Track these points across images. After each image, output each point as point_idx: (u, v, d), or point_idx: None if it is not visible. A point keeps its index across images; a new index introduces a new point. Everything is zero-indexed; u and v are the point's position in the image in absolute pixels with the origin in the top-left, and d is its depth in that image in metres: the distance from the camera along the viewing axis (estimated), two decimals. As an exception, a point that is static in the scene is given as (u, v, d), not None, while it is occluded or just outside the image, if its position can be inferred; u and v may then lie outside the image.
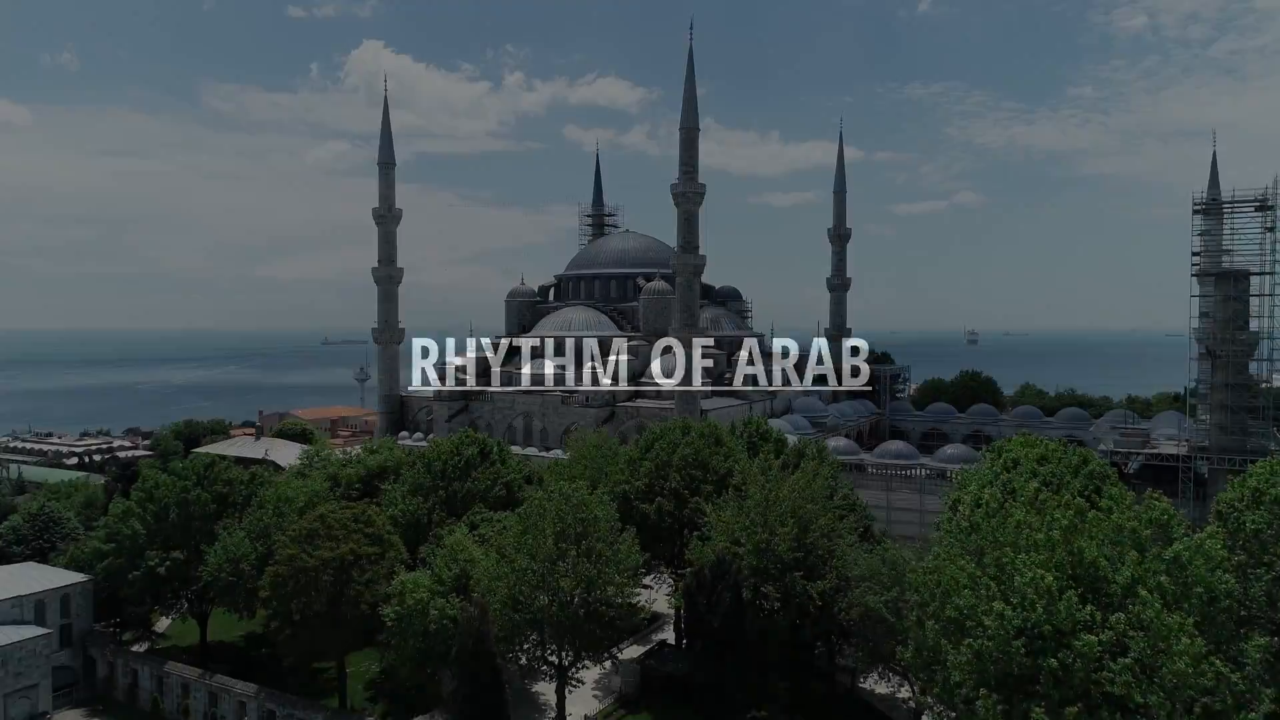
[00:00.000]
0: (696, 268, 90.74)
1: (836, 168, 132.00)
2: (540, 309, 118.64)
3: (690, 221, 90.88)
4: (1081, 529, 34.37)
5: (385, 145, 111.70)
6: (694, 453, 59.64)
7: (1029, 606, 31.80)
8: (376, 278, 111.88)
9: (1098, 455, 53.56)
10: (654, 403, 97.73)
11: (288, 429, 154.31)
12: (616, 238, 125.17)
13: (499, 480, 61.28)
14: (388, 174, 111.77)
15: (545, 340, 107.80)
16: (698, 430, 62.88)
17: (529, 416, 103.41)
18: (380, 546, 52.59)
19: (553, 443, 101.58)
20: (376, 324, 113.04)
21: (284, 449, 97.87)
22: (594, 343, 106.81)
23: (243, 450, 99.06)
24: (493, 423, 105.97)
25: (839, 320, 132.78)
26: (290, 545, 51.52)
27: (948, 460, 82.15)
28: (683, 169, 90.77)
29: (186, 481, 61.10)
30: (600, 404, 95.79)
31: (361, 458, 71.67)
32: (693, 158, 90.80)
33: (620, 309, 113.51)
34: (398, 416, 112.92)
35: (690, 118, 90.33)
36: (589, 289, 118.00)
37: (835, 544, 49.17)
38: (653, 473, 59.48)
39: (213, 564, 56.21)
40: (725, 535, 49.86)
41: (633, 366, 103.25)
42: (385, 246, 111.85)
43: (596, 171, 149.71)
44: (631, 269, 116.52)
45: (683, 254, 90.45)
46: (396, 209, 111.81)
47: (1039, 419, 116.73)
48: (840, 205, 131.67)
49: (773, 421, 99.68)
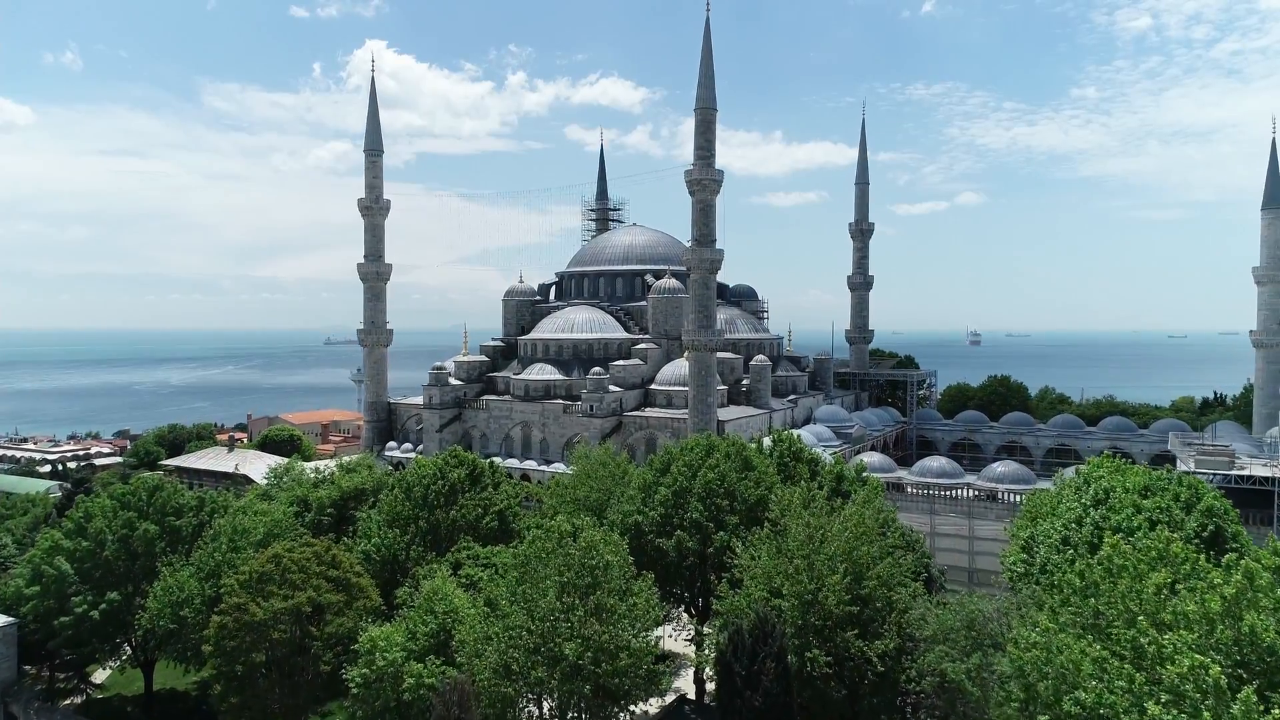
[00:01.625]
0: (713, 263, 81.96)
1: (859, 158, 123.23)
2: (540, 309, 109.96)
3: (706, 212, 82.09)
4: (1251, 599, 25.66)
5: (372, 133, 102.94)
6: (719, 478, 50.89)
7: (1193, 710, 23.10)
8: (362, 274, 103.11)
9: (1208, 485, 44.77)
10: (665, 412, 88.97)
11: (274, 436, 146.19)
12: (623, 232, 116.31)
13: (490, 509, 52.56)
14: (375, 163, 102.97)
15: (545, 343, 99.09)
16: (722, 450, 54.09)
17: (527, 426, 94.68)
18: (347, 593, 43.90)
19: (553, 455, 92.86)
20: (363, 324, 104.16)
21: (257, 462, 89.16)
22: (599, 345, 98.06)
23: (213, 462, 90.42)
24: (488, 433, 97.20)
25: (861, 321, 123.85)
26: (238, 591, 42.85)
27: (997, 480, 73.33)
28: (698, 153, 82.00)
29: (129, 512, 52.40)
30: (605, 413, 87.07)
31: (336, 478, 62.92)
32: (709, 141, 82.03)
33: (627, 308, 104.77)
34: (385, 425, 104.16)
35: (707, 97, 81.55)
36: (593, 287, 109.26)
37: (896, 594, 40.42)
38: (670, 501, 50.76)
39: (152, 609, 47.61)
40: (761, 583, 41.13)
41: (641, 372, 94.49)
42: (372, 240, 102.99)
43: (601, 164, 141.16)
44: (639, 265, 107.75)
45: (698, 247, 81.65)
46: (384, 200, 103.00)
47: (1080, 429, 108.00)
48: (862, 198, 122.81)
49: (792, 433, 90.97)
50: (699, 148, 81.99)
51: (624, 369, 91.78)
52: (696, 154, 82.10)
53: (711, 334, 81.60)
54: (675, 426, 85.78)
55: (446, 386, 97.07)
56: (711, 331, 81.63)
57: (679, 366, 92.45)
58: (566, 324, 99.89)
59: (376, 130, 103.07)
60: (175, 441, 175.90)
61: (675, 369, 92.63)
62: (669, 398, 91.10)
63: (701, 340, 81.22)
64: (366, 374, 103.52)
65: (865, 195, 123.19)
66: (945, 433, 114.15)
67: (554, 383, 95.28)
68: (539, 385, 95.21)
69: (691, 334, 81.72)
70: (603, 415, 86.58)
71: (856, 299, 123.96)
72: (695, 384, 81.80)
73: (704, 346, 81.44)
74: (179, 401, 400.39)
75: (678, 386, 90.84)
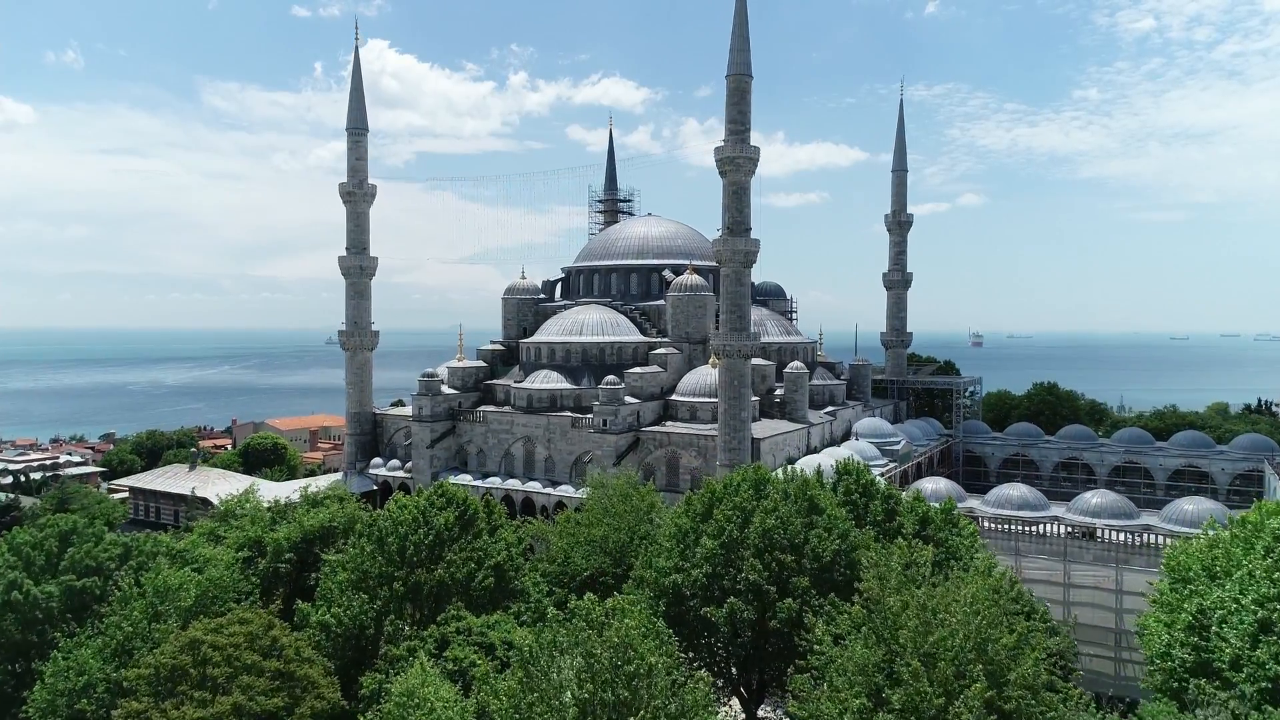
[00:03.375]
0: (748, 255, 70.38)
1: (896, 143, 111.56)
2: (544, 308, 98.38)
3: (740, 195, 70.53)
4: None
5: (356, 108, 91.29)
6: (779, 525, 39.47)
7: None
8: (344, 269, 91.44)
9: None
10: (689, 427, 77.43)
11: (256, 445, 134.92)
12: (637, 222, 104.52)
13: (485, 563, 41.11)
14: (358, 142, 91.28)
15: (551, 347, 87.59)
16: (778, 487, 42.66)
17: (530, 442, 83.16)
18: (290, 691, 32.49)
19: (560, 475, 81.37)
20: (344, 324, 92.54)
21: (220, 483, 77.67)
22: (611, 350, 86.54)
23: (170, 482, 79.01)
24: (485, 449, 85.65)
25: (898, 323, 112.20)
26: (140, 695, 31.50)
27: (1093, 513, 61.63)
28: (731, 127, 70.49)
29: (16, 573, 40.98)
30: (620, 428, 75.55)
31: (298, 515, 51.41)
32: (743, 113, 70.49)
33: (643, 308, 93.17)
34: (370, 439, 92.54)
35: (740, 62, 70.05)
36: (604, 284, 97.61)
37: (1054, 712, 28.97)
38: (718, 556, 39.34)
39: (39, 700, 36.21)
40: (857, 682, 29.77)
41: (660, 380, 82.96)
42: (355, 230, 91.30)
43: (610, 151, 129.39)
44: (655, 260, 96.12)
45: (730, 237, 70.08)
46: (369, 185, 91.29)
47: (1150, 444, 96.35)
48: (900, 187, 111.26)
49: (837, 452, 79.52)
50: (731, 121, 70.43)
51: (641, 377, 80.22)
52: (728, 128, 70.59)
53: (746, 338, 70.10)
54: (702, 444, 74.30)
55: (439, 396, 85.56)
56: (746, 335, 70.12)
57: (704, 375, 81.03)
58: (574, 325, 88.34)
59: (360, 106, 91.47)
60: (154, 449, 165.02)
61: (700, 377, 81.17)
62: (693, 410, 79.57)
63: (735, 345, 69.70)
64: (349, 380, 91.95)
65: (904, 183, 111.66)
66: (995, 448, 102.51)
67: (561, 392, 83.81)
68: (544, 395, 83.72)
69: (723, 338, 70.20)
70: (618, 431, 75.06)
71: (893, 298, 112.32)
72: (726, 396, 70.30)
73: (738, 352, 69.94)
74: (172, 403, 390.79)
75: (703, 398, 79.35)
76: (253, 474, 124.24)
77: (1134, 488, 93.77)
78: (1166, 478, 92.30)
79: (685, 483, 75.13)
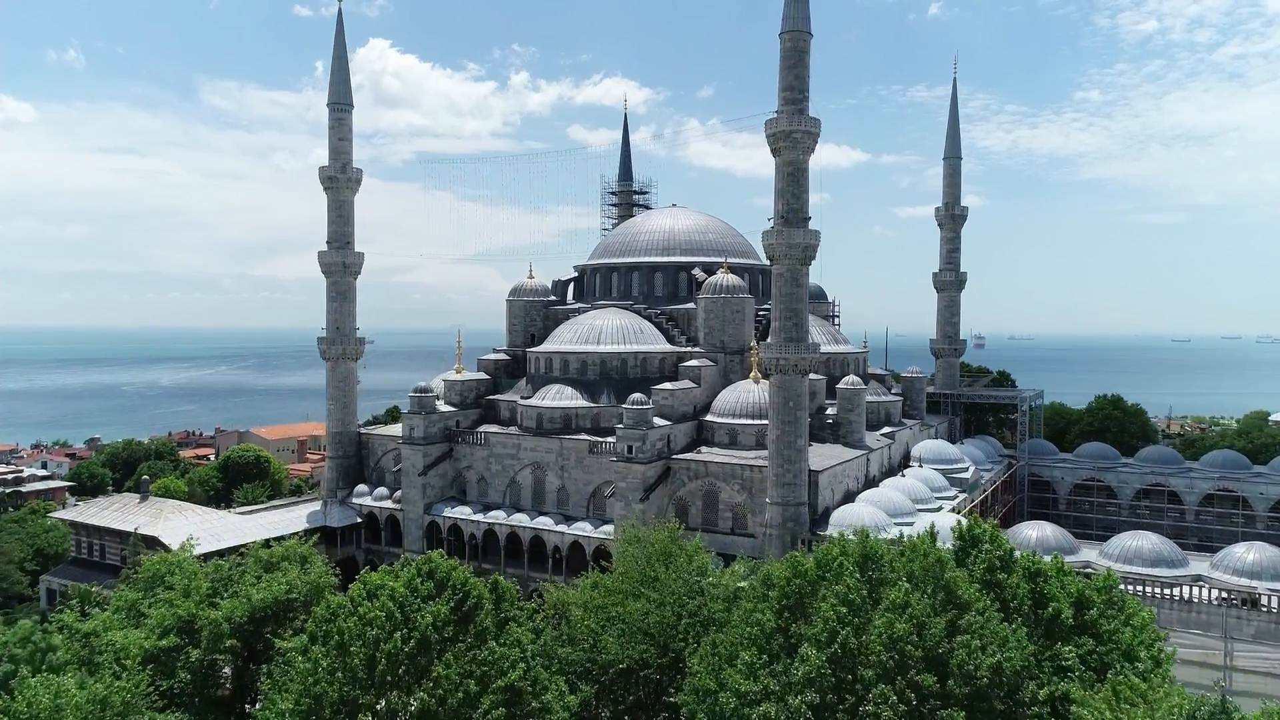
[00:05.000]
0: (806, 250, 58.10)
1: (949, 125, 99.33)
2: (555, 312, 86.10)
3: (797, 178, 58.29)
4: None
5: (339, 81, 78.91)
6: (912, 628, 27.50)
7: None
8: (324, 265, 79.08)
9: None
10: (729, 455, 65.18)
11: (238, 458, 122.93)
12: (660, 214, 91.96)
13: (492, 682, 28.94)
14: (342, 120, 78.92)
15: (564, 357, 75.43)
16: (894, 565, 30.61)
17: (540, 469, 71.04)
18: None
19: (575, 508, 69.28)
20: (324, 330, 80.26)
21: (175, 517, 65.42)
22: (635, 361, 74.45)
23: (117, 517, 66.80)
24: (487, 476, 73.51)
25: (950, 330, 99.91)
26: None
27: (1249, 572, 49.32)
28: (786, 96, 58.27)
29: None
30: (649, 456, 63.39)
31: (246, 585, 39.23)
32: (801, 78, 58.27)
33: (669, 312, 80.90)
34: (354, 462, 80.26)
35: (798, 16, 57.79)
36: (624, 284, 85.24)
37: None
38: (824, 677, 27.32)
39: None
40: None
41: (693, 397, 70.80)
42: (337, 221, 78.92)
43: (624, 137, 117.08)
44: (683, 257, 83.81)
45: (785, 228, 57.84)
46: (354, 169, 78.88)
47: (1247, 469, 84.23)
48: (953, 176, 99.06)
49: (904, 483, 67.49)
50: (787, 88, 58.19)
51: (672, 395, 67.97)
52: (783, 97, 58.38)
53: (804, 350, 57.82)
54: (746, 477, 62.14)
55: (433, 415, 73.31)
56: (804, 346, 57.83)
57: (745, 392, 68.89)
58: (591, 332, 76.10)
59: (344, 78, 79.16)
60: (130, 460, 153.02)
61: (739, 395, 69.01)
62: (732, 434, 67.41)
63: (791, 358, 57.46)
64: (330, 395, 79.64)
65: (957, 172, 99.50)
66: (1065, 471, 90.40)
67: (576, 411, 71.63)
68: (556, 414, 71.51)
69: (775, 350, 57.91)
70: (646, 460, 62.88)
71: (945, 300, 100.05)
72: (779, 420, 58.11)
73: (794, 368, 57.72)
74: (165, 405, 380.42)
75: (744, 419, 67.18)
76: (233, 490, 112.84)
77: (1227, 518, 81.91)
78: (1268, 508, 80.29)
79: (726, 521, 63.09)
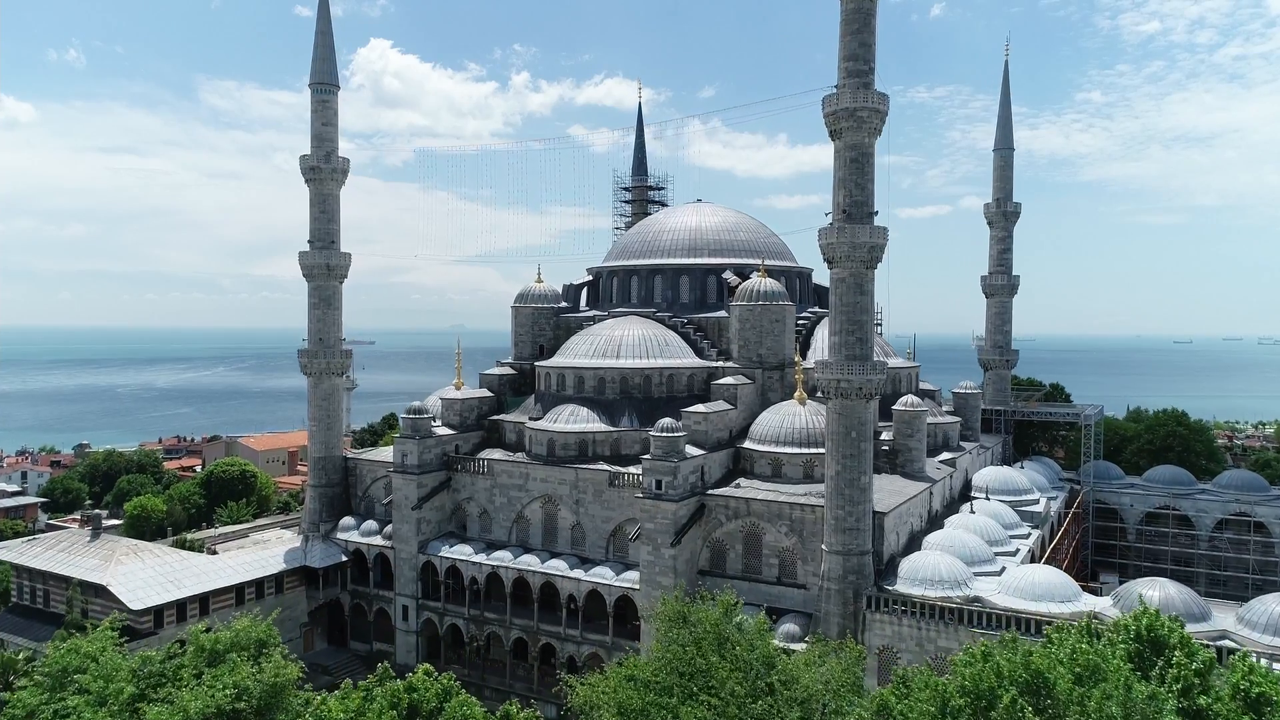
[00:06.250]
0: (872, 252, 48.46)
1: (1000, 114, 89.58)
2: (567, 320, 76.49)
3: (862, 165, 48.69)
4: None
5: (322, 59, 69.16)
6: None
7: None
8: (306, 268, 69.33)
9: None
10: (774, 490, 55.46)
11: (221, 473, 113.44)
12: (684, 211, 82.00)
13: None
14: (326, 103, 69.21)
15: (579, 373, 65.89)
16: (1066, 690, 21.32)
17: (552, 503, 61.55)
18: None
19: (593, 549, 59.79)
20: (306, 341, 70.70)
21: (128, 561, 55.90)
22: (660, 379, 64.94)
23: (62, 559, 57.25)
24: (491, 510, 64.01)
25: (1001, 339, 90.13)
26: None
27: None
28: (847, 67, 48.69)
29: None
30: (682, 493, 53.86)
31: (179, 693, 29.79)
32: (867, 46, 48.66)
33: (697, 321, 71.24)
34: (340, 492, 70.59)
35: (862, -27, 48.24)
36: (644, 289, 75.53)
37: None
38: None
39: None
40: None
41: (729, 421, 61.21)
42: (321, 218, 69.19)
43: (639, 128, 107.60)
44: (712, 259, 74.09)
45: (848, 224, 48.22)
46: (339, 159, 69.11)
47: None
48: (1005, 169, 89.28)
49: (973, 521, 57.99)
50: (849, 57, 48.56)
51: (706, 419, 58.31)
52: (845, 68, 48.79)
53: (869, 369, 48.22)
54: (796, 517, 52.58)
55: (429, 440, 63.76)
56: (869, 365, 48.25)
57: (789, 415, 59.29)
58: (609, 344, 66.56)
59: (328, 56, 69.44)
60: (110, 472, 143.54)
61: (783, 419, 59.39)
62: (775, 464, 57.80)
63: (855, 379, 47.82)
64: (312, 415, 69.91)
65: (1009, 165, 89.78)
66: (1135, 499, 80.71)
67: (594, 436, 62.06)
68: (570, 439, 61.94)
69: (836, 370, 48.28)
70: (679, 497, 53.38)
71: (996, 306, 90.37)
72: (839, 451, 48.54)
73: (858, 390, 48.10)
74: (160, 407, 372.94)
75: (790, 447, 57.58)
76: (216, 508, 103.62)
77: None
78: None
79: (771, 569, 53.55)
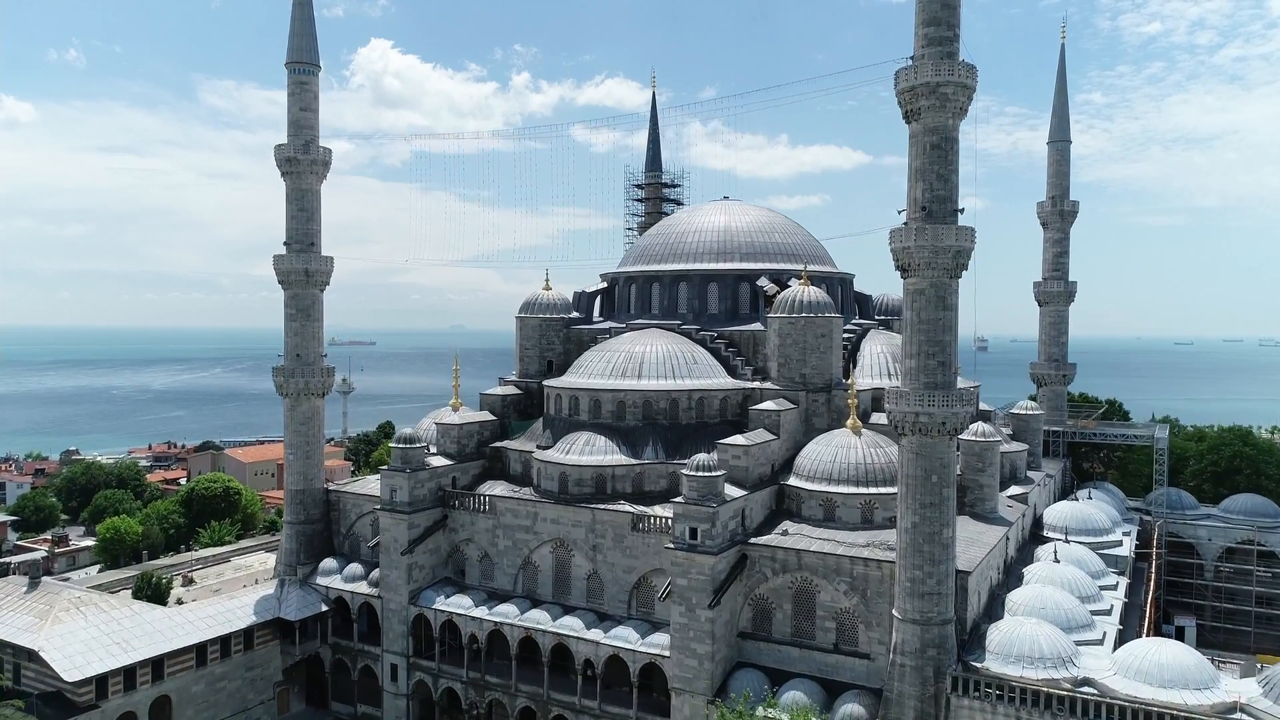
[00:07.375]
0: (957, 257, 39.89)
1: (1054, 104, 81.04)
2: (579, 333, 67.80)
3: (944, 153, 40.06)
4: None
5: (299, 34, 60.37)
6: None
7: None
8: (281, 273, 60.73)
9: None
10: (829, 538, 46.80)
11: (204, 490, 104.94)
12: (711, 210, 72.90)
13: None
14: (305, 85, 60.48)
15: (594, 396, 57.25)
16: None
17: (565, 549, 52.96)
18: None
19: (612, 604, 51.18)
20: (283, 356, 62.16)
21: (70, 617, 47.35)
22: (689, 403, 56.34)
23: None
24: (493, 554, 55.40)
25: (1057, 351, 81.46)
26: None
27: None
28: (925, 35, 40.05)
29: None
30: (720, 543, 45.27)
31: None
32: (950, 9, 39.94)
33: (729, 335, 62.43)
34: (320, 529, 61.94)
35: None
36: (666, 298, 66.74)
37: None
38: None
39: None
40: None
41: (770, 453, 52.56)
42: (299, 216, 60.53)
43: (653, 121, 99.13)
44: (744, 264, 65.25)
45: (929, 224, 39.57)
46: (320, 149, 60.47)
47: None
48: (1061, 164, 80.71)
49: (1056, 573, 49.38)
50: (930, 23, 39.93)
51: (746, 453, 49.64)
52: (923, 37, 40.21)
53: (955, 400, 39.64)
54: (858, 573, 43.96)
55: (422, 473, 55.14)
56: (953, 395, 39.68)
57: (843, 447, 50.56)
58: (629, 362, 57.96)
59: (309, 31, 60.66)
60: (88, 486, 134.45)
61: (835, 451, 50.68)
62: (828, 505, 49.15)
63: (938, 414, 39.18)
64: (289, 442, 61.32)
65: (1066, 160, 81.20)
66: (1213, 532, 72.10)
67: (613, 470, 53.41)
68: (586, 474, 53.30)
69: (914, 400, 39.60)
70: (717, 548, 44.81)
71: (1050, 315, 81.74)
72: (916, 500, 39.96)
73: (941, 426, 39.49)
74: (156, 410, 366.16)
75: (845, 486, 48.92)
76: (197, 528, 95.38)
77: None
78: None
79: (827, 634, 45.00)
